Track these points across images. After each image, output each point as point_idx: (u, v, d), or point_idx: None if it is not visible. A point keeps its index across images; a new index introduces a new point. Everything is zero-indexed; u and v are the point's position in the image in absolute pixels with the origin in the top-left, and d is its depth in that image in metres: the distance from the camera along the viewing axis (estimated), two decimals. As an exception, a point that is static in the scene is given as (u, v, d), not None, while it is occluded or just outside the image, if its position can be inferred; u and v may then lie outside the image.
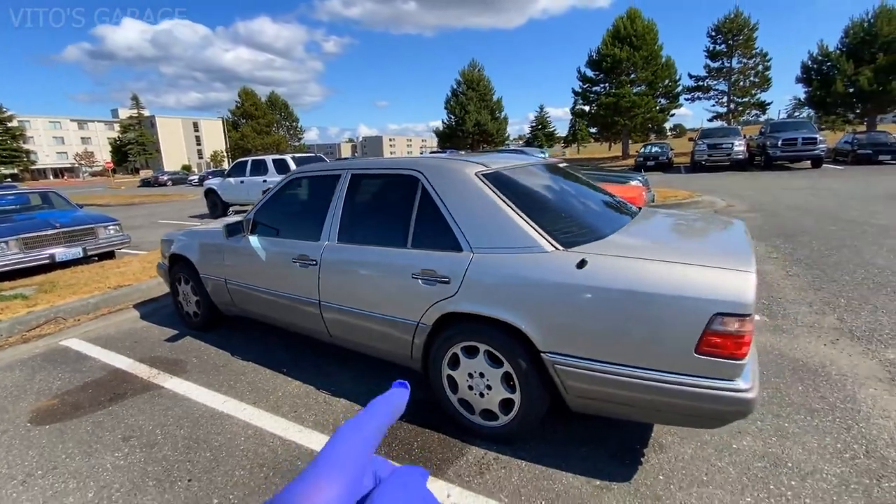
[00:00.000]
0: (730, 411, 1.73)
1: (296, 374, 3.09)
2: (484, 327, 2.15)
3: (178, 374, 3.15)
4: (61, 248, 6.69)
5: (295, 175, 3.16)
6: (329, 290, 2.74)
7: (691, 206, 10.01)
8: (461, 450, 2.24)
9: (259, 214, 3.24)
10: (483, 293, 2.12)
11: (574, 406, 2.06)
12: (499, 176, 2.42)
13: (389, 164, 2.72)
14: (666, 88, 29.71)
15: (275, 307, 3.14)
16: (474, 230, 2.22)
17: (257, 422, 2.54)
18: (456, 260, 2.21)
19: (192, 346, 3.63)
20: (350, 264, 2.64)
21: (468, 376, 2.26)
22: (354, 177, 2.81)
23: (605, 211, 2.62)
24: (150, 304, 4.72)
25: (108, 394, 2.94)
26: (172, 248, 3.93)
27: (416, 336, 2.39)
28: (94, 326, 4.16)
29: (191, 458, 2.26)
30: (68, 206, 8.26)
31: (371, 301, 2.55)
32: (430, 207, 2.39)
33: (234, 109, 54.99)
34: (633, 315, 1.79)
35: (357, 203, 2.78)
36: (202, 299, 3.75)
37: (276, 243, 3.07)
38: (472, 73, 46.59)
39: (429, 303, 2.28)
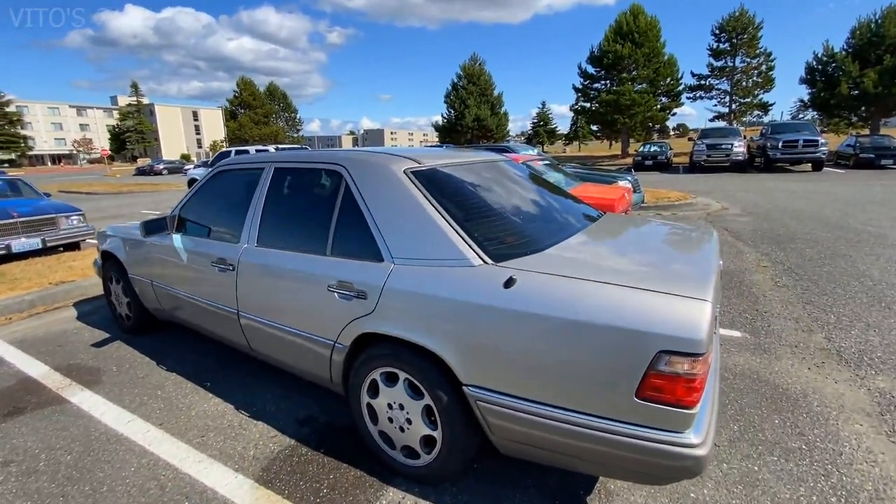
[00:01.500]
0: (676, 468, 1.42)
1: (219, 389, 2.78)
2: (404, 352, 1.83)
3: (91, 386, 2.84)
4: (21, 238, 6.38)
5: (221, 168, 2.83)
6: (247, 300, 2.43)
7: (684, 207, 9.68)
8: (377, 492, 1.93)
9: (184, 211, 2.92)
10: (401, 312, 1.80)
11: (502, 449, 1.75)
12: (432, 174, 2.10)
13: (314, 157, 2.39)
14: (668, 87, 29.20)
15: (197, 314, 2.83)
16: (396, 237, 1.90)
17: (156, 448, 2.23)
18: (374, 271, 1.90)
19: (118, 352, 3.32)
20: (267, 271, 2.32)
21: (388, 407, 1.95)
22: (277, 171, 2.48)
23: (555, 218, 2.29)
24: (91, 302, 4.41)
25: (6, 407, 2.63)
26: (104, 244, 3.61)
27: (335, 356, 2.08)
28: (23, 326, 3.85)
29: (66, 493, 1.95)
30: (34, 195, 7.92)
31: (289, 315, 2.24)
32: (351, 208, 2.06)
33: (233, 99, 54.53)
34: (565, 348, 1.48)
35: (279, 201, 2.45)
36: (133, 301, 3.44)
37: (198, 243, 2.75)
38: (472, 67, 46.05)
39: (346, 320, 1.97)
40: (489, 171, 2.47)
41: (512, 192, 2.36)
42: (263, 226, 2.42)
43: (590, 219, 2.42)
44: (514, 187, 2.44)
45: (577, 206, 2.62)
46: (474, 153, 2.77)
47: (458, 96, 45.47)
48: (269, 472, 2.05)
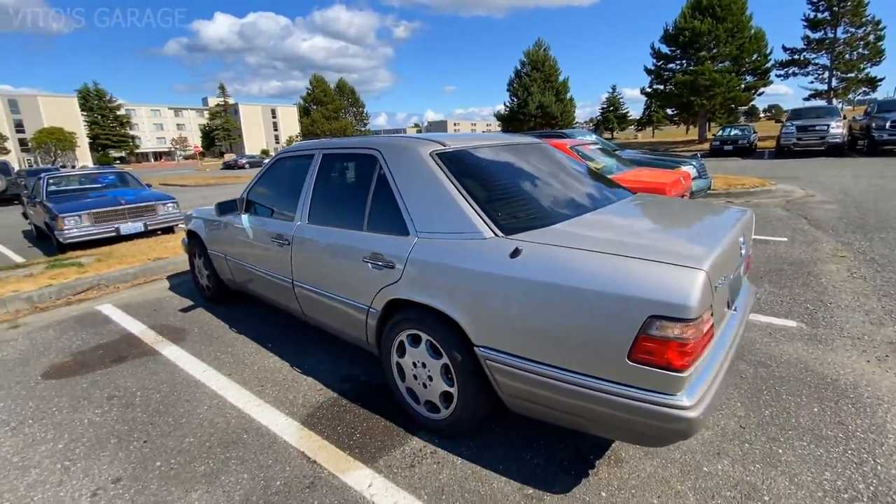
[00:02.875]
0: (666, 429, 1.49)
1: (278, 349, 3.17)
2: (425, 316, 2.03)
3: (177, 342, 3.36)
4: (127, 222, 7.43)
5: (280, 155, 3.19)
6: (300, 270, 2.75)
7: (760, 194, 8.94)
8: (402, 440, 2.17)
9: (251, 194, 3.33)
10: (422, 280, 2.00)
11: (511, 406, 1.90)
12: (455, 155, 2.26)
13: (354, 143, 2.65)
14: (754, 64, 26.50)
15: (261, 284, 3.23)
16: (420, 213, 2.09)
17: (224, 392, 2.64)
18: (401, 244, 2.11)
19: (200, 317, 3.86)
20: (316, 245, 2.63)
21: (413, 365, 2.17)
22: (325, 157, 2.77)
23: (573, 197, 2.35)
24: (180, 276, 5.10)
25: (113, 355, 3.20)
26: (189, 224, 4.18)
27: (369, 320, 2.33)
28: (127, 294, 4.57)
29: (154, 422, 2.40)
30: (138, 186, 9.13)
31: (333, 283, 2.53)
32: (384, 188, 2.29)
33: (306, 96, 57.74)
34: (562, 312, 1.59)
35: (326, 183, 2.74)
36: (212, 274, 3.97)
37: (261, 222, 3.14)
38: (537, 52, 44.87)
39: (378, 287, 2.21)
40: (517, 153, 2.57)
41: (536, 173, 2.45)
42: (313, 205, 2.73)
43: (614, 198, 2.45)
44: (540, 168, 2.52)
45: (605, 187, 2.64)
46: (508, 136, 2.88)
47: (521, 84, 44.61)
48: (313, 418, 2.36)
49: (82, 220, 7.00)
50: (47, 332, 3.68)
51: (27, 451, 2.21)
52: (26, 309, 4.22)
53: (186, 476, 1.99)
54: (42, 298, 4.35)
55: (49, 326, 3.82)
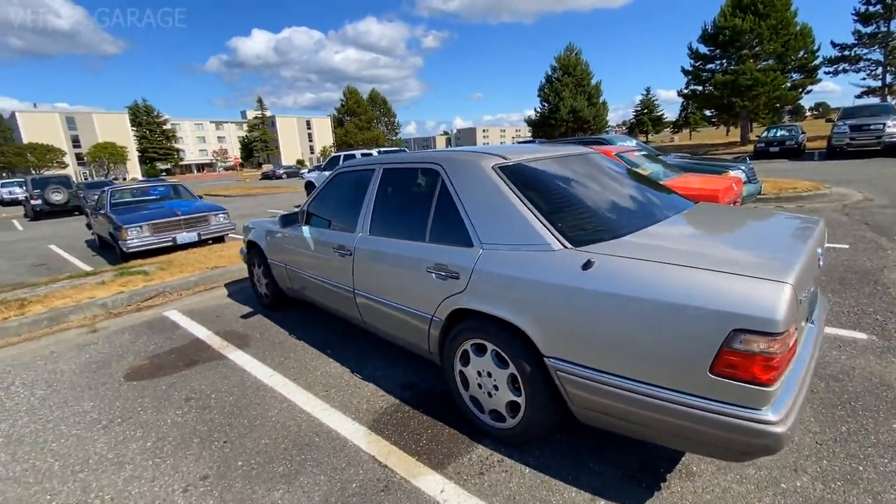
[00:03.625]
0: (751, 444, 1.48)
1: (337, 355, 3.29)
2: (491, 326, 2.09)
3: (242, 347, 3.55)
4: (182, 232, 7.87)
5: (340, 170, 3.34)
6: (361, 279, 2.87)
7: (814, 198, 8.54)
8: (468, 447, 2.22)
9: (311, 207, 3.49)
10: (489, 290, 2.06)
11: (581, 417, 1.92)
12: (517, 168, 2.32)
13: (415, 158, 2.75)
14: (800, 62, 25.34)
15: (322, 293, 3.37)
16: (484, 225, 2.15)
17: (292, 396, 2.77)
18: (466, 255, 2.17)
19: (260, 323, 4.06)
20: (378, 256, 2.73)
21: (478, 374, 2.22)
22: (386, 171, 2.89)
23: (637, 207, 2.36)
24: (237, 284, 5.36)
25: (185, 359, 3.41)
26: (249, 235, 4.40)
27: (432, 329, 2.41)
28: (190, 301, 4.85)
29: (231, 423, 2.55)
30: (191, 197, 9.65)
31: (395, 292, 2.62)
32: (447, 201, 2.37)
33: (340, 107, 59.28)
34: (640, 325, 1.60)
35: (387, 197, 2.85)
36: (270, 282, 4.16)
37: (322, 234, 3.28)
38: (568, 57, 44.49)
39: (441, 297, 2.28)
40: (575, 164, 2.60)
41: (595, 183, 2.48)
42: (374, 217, 2.84)
43: (677, 208, 2.44)
44: (599, 178, 2.55)
45: (666, 196, 2.63)
46: (563, 147, 2.92)
47: (552, 89, 44.30)
48: (378, 423, 2.45)
49: (143, 230, 7.47)
50: (123, 337, 3.96)
51: (120, 447, 2.39)
52: (102, 314, 4.54)
53: (267, 476, 2.11)
54: (115, 304, 4.67)
55: (124, 331, 4.10)
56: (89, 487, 2.11)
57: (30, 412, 2.81)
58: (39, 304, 4.58)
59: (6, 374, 3.37)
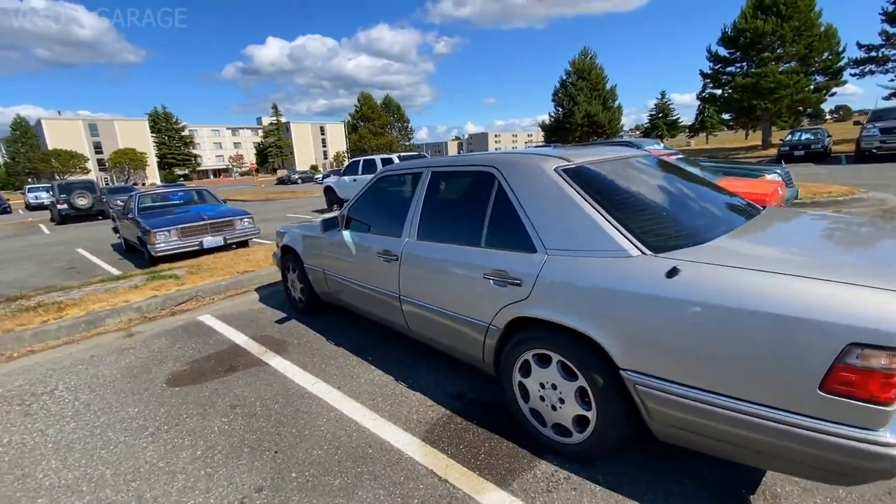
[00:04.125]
0: (865, 468, 1.36)
1: (379, 362, 3.22)
2: (557, 335, 1.99)
3: (281, 353, 3.50)
4: (208, 236, 7.92)
5: (383, 174, 3.28)
6: (408, 285, 2.79)
7: (851, 203, 8.27)
8: (530, 462, 2.12)
9: (352, 211, 3.44)
10: (556, 298, 1.96)
11: (660, 434, 1.81)
12: (581, 171, 2.22)
13: (467, 160, 2.67)
14: (824, 63, 24.79)
15: (363, 298, 3.31)
16: (549, 230, 2.06)
17: (339, 405, 2.70)
18: (528, 261, 2.09)
19: (296, 328, 4.01)
20: (427, 261, 2.66)
21: (540, 386, 2.13)
22: (434, 174, 2.82)
23: (713, 211, 2.25)
24: (267, 288, 5.34)
25: (225, 365, 3.37)
26: (283, 239, 4.37)
27: (488, 338, 2.32)
28: (223, 305, 4.83)
29: (280, 432, 2.48)
30: (215, 202, 9.73)
31: (445, 298, 2.54)
32: (504, 205, 2.28)
33: (354, 113, 59.81)
34: (737, 338, 1.50)
35: (436, 200, 2.79)
36: (306, 287, 4.12)
37: (365, 238, 3.23)
38: (583, 61, 44.31)
39: (500, 305, 2.19)
40: (635, 166, 2.51)
41: (661, 186, 2.37)
42: (423, 222, 2.77)
43: (750, 212, 2.32)
44: (662, 181, 2.44)
45: (732, 199, 2.52)
46: (611, 149, 2.81)
47: (566, 93, 44.12)
48: (432, 434, 2.36)
49: (171, 234, 7.52)
50: (160, 341, 3.95)
51: (170, 456, 2.34)
52: (137, 318, 4.55)
53: (324, 489, 2.04)
54: (150, 309, 4.68)
55: (160, 335, 4.09)
56: (143, 498, 2.06)
57: (76, 417, 2.79)
58: (76, 308, 4.60)
59: (49, 378, 3.37)
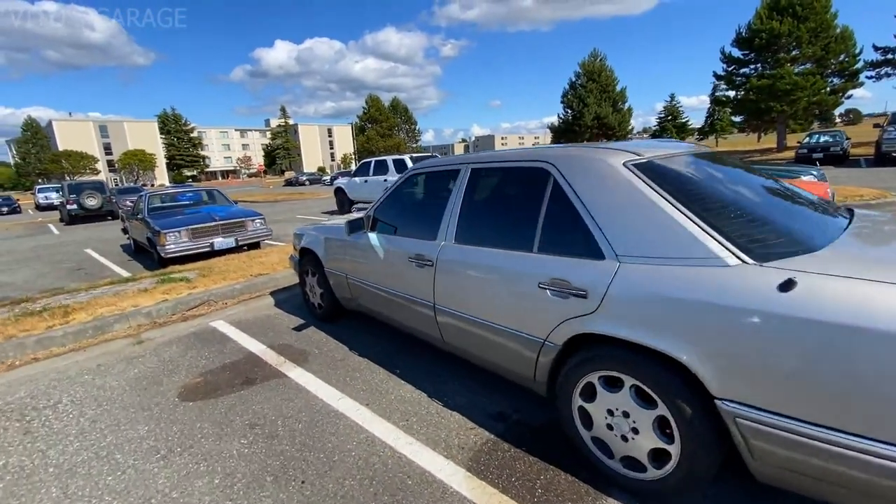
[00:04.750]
0: None
1: (408, 375, 2.96)
2: (633, 356, 1.72)
3: (301, 364, 3.25)
4: (219, 238, 7.70)
5: (413, 171, 3.03)
6: (444, 294, 2.54)
7: (884, 207, 7.92)
8: (595, 500, 1.85)
9: (379, 212, 3.19)
10: (633, 313, 1.69)
11: (762, 476, 1.53)
12: (656, 166, 1.96)
13: (514, 155, 2.40)
14: (840, 65, 24.33)
15: (391, 306, 3.06)
16: (622, 234, 1.80)
17: (369, 426, 2.44)
18: (596, 270, 1.82)
19: (316, 336, 3.76)
20: (467, 267, 2.40)
21: (607, 413, 1.86)
22: (474, 171, 2.56)
23: (811, 214, 1.97)
24: (283, 292, 5.10)
25: (241, 377, 3.13)
26: (302, 242, 4.13)
27: (542, 355, 2.05)
28: (236, 310, 4.60)
29: (306, 457, 2.23)
30: (226, 202, 9.54)
31: (490, 309, 2.28)
32: (562, 205, 2.02)
33: (362, 115, 59.84)
34: (875, 365, 1.22)
35: (477, 200, 2.53)
36: (326, 292, 3.87)
37: (393, 241, 2.97)
38: (592, 63, 44.03)
39: (559, 318, 1.93)
40: (702, 162, 2.23)
41: (742, 184, 2.10)
42: (462, 224, 2.51)
43: (846, 215, 2.04)
44: (740, 179, 2.17)
45: (824, 201, 2.24)
46: (671, 144, 2.55)
47: (576, 95, 43.84)
48: (478, 464, 2.09)
49: (181, 235, 7.32)
50: (171, 349, 3.71)
51: (184, 485, 2.09)
52: (146, 324, 4.32)
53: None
54: (160, 314, 4.45)
55: (171, 343, 3.86)
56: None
57: (80, 436, 2.55)
58: (83, 312, 4.39)
59: (53, 390, 3.14)
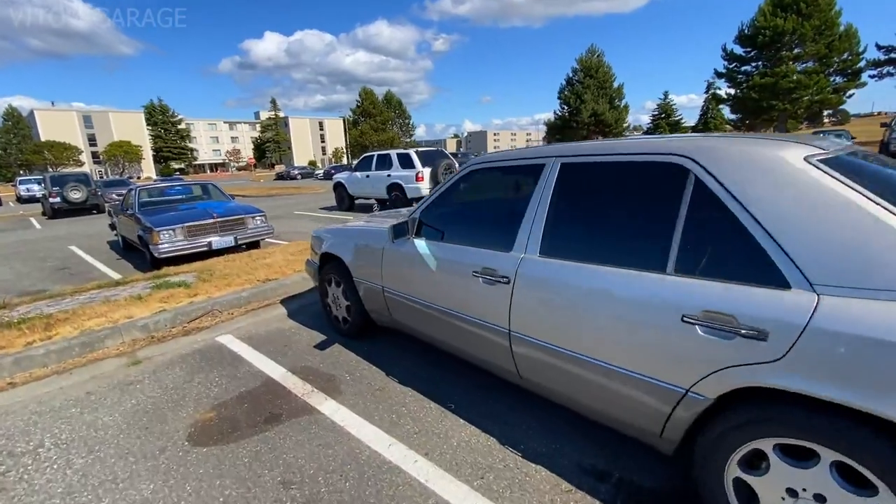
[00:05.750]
0: None
1: (467, 413, 2.47)
2: (838, 421, 1.25)
3: (333, 395, 2.74)
4: (217, 236, 7.10)
5: (475, 166, 2.51)
6: (525, 319, 2.05)
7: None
8: None
9: (427, 214, 2.68)
10: (841, 366, 1.22)
11: None
12: (847, 162, 1.49)
13: (628, 147, 1.89)
14: (844, 64, 24.22)
15: (441, 327, 2.56)
16: (818, 255, 1.32)
17: (435, 485, 1.95)
18: (781, 303, 1.34)
19: (343, 357, 3.24)
20: (562, 288, 1.91)
21: (788, 494, 1.39)
22: (566, 167, 2.06)
23: None
24: (295, 300, 4.56)
25: (263, 411, 2.61)
26: (324, 246, 3.60)
27: (680, 409, 1.58)
28: (245, 323, 4.05)
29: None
30: (223, 197, 8.90)
31: (597, 344, 1.79)
32: (713, 213, 1.54)
33: (355, 108, 58.85)
34: None
35: (572, 203, 2.03)
36: (354, 305, 3.36)
37: (449, 250, 2.47)
38: (590, 59, 43.76)
39: (714, 364, 1.45)
40: (876, 159, 1.77)
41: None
42: (550, 232, 2.02)
43: None
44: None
45: None
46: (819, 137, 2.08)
47: (573, 91, 43.57)
48: (595, 549, 1.61)
49: (176, 233, 6.72)
50: (174, 372, 3.17)
51: (208, 576, 1.58)
52: (143, 339, 3.77)
53: None
54: (158, 327, 3.90)
55: (174, 363, 3.31)
56: None
57: (67, 497, 2.02)
58: (68, 325, 3.81)
59: (34, 427, 2.59)
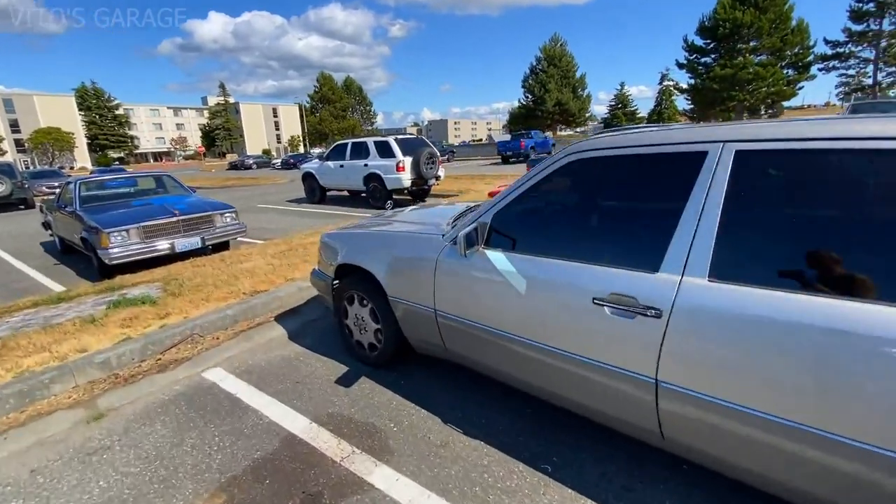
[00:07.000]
0: None
1: (574, 481, 1.88)
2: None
3: (382, 458, 2.07)
4: (180, 237, 6.11)
5: (579, 154, 1.88)
6: (688, 367, 1.48)
7: None
8: None
9: (502, 218, 2.04)
10: None
11: None
12: None
13: (851, 127, 1.33)
14: (795, 57, 25.33)
15: (538, 370, 1.94)
16: None
17: None
18: None
19: (379, 398, 2.57)
20: (760, 326, 1.35)
21: None
22: (743, 155, 1.48)
23: None
24: (293, 317, 3.79)
25: (295, 492, 1.91)
26: (340, 255, 2.88)
27: None
28: (236, 350, 3.27)
29: None
30: (182, 191, 7.79)
31: (825, 411, 1.25)
32: None
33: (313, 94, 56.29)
34: None
35: (762, 206, 1.47)
36: (387, 329, 2.68)
37: (549, 268, 1.85)
38: (553, 48, 43.84)
39: None
40: None
41: None
42: (726, 248, 1.44)
43: None
44: None
45: None
46: None
47: (537, 80, 43.57)
48: None
49: (130, 235, 5.70)
50: (154, 430, 2.38)
51: None
52: (103, 380, 2.90)
53: None
54: (122, 362, 3.04)
55: (151, 416, 2.51)
56: None
57: None
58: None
59: (-53, 541, 1.78)
